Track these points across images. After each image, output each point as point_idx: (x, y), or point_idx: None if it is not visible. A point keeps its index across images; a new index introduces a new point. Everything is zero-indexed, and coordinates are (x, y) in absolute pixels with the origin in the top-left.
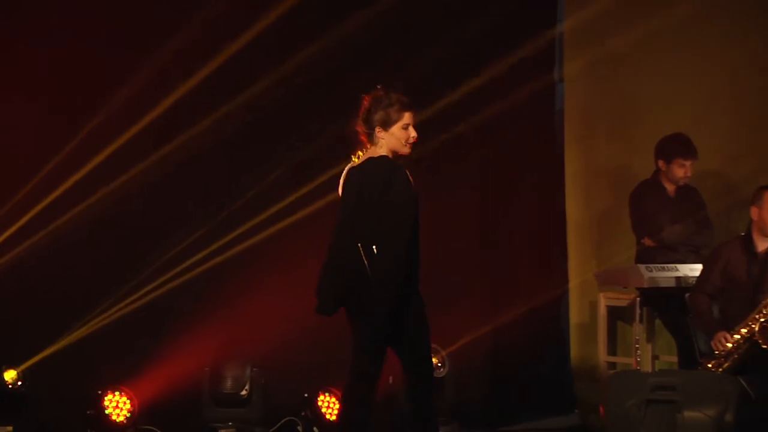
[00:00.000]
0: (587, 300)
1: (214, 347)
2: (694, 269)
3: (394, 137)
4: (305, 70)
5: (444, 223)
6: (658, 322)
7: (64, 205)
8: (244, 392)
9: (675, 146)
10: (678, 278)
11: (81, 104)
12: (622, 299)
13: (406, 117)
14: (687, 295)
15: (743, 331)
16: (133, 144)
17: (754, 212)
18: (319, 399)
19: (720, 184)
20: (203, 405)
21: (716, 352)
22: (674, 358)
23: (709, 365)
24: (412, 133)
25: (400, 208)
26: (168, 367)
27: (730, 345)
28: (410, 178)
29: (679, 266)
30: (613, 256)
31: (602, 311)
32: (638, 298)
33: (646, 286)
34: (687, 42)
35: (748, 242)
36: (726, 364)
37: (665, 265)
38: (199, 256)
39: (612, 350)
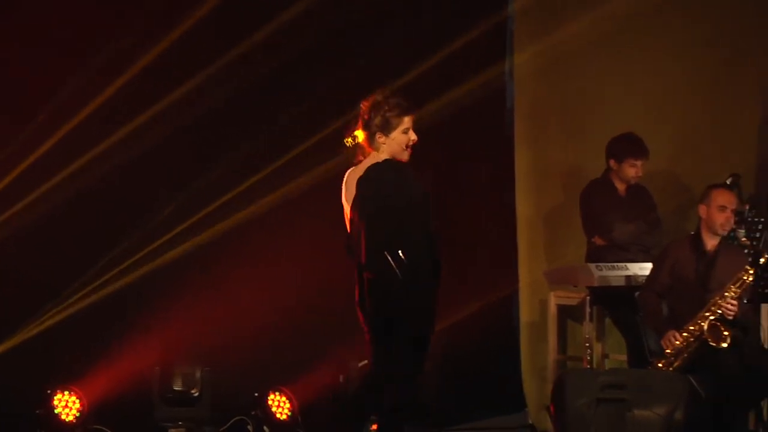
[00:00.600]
0: (537, 299)
1: (165, 346)
2: (644, 268)
3: (395, 142)
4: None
5: None
6: (608, 320)
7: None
8: (194, 391)
9: (626, 146)
10: (628, 277)
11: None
12: (573, 298)
13: (406, 121)
14: (637, 293)
15: (692, 329)
16: (69, 147)
17: (702, 211)
18: (269, 398)
19: (670, 183)
20: (153, 404)
21: (666, 351)
22: (624, 357)
23: (659, 364)
24: (412, 136)
25: (417, 208)
26: (118, 367)
27: (679, 344)
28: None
29: (630, 265)
30: (563, 255)
31: (552, 310)
32: (588, 297)
33: (596, 284)
34: (639, 41)
35: (697, 241)
36: (676, 363)
37: (615, 264)
38: (148, 254)
39: (562, 349)
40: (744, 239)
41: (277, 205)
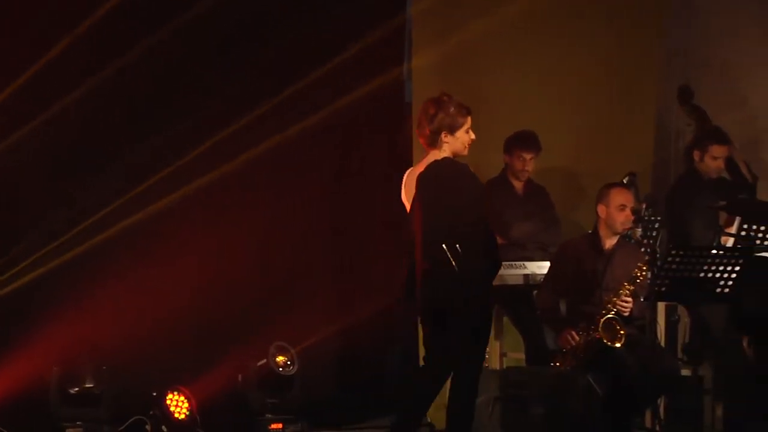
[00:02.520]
0: None
1: (63, 345)
2: (542, 267)
3: (459, 141)
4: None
5: (293, 221)
6: (506, 319)
7: None
8: (92, 391)
9: (516, 139)
10: (526, 275)
11: None
12: None
13: (468, 121)
14: (535, 292)
15: (589, 328)
16: None
17: (600, 210)
18: (167, 398)
19: (568, 182)
20: (52, 404)
21: (564, 350)
22: (522, 356)
23: (557, 363)
24: (472, 135)
25: (475, 204)
26: (15, 366)
27: (576, 342)
28: None
29: (528, 263)
30: None
31: None
32: None
33: (494, 283)
34: (537, 41)
35: (595, 239)
36: (573, 362)
37: (513, 263)
38: (46, 253)
39: None
40: (641, 238)
41: (177, 204)
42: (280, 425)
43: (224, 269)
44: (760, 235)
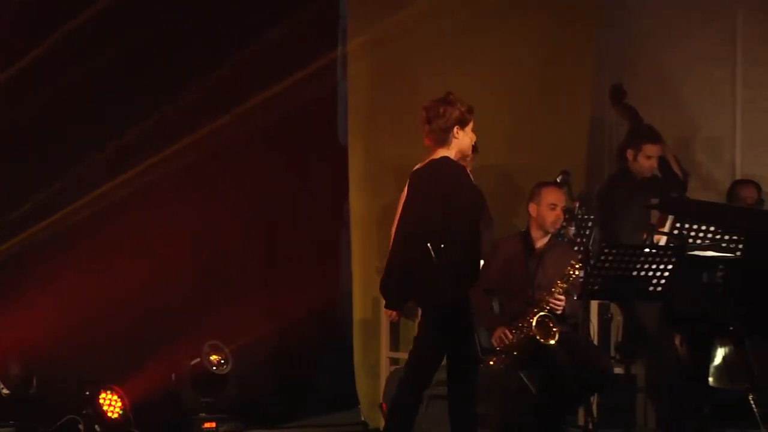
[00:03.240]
0: (370, 296)
1: None
2: None
3: (468, 137)
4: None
5: (227, 219)
6: None
7: None
8: (25, 390)
9: None
10: None
11: None
12: None
13: (473, 120)
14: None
15: (522, 326)
16: None
17: (532, 209)
18: (100, 397)
19: (502, 181)
20: None
21: (497, 348)
22: None
23: (491, 361)
24: (474, 136)
25: (468, 206)
26: None
27: (509, 341)
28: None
29: None
30: None
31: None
32: None
33: None
34: (470, 40)
35: (526, 238)
36: (507, 360)
37: None
38: None
39: (395, 346)
40: (574, 236)
41: (109, 203)
42: (213, 424)
43: (158, 268)
44: (692, 233)
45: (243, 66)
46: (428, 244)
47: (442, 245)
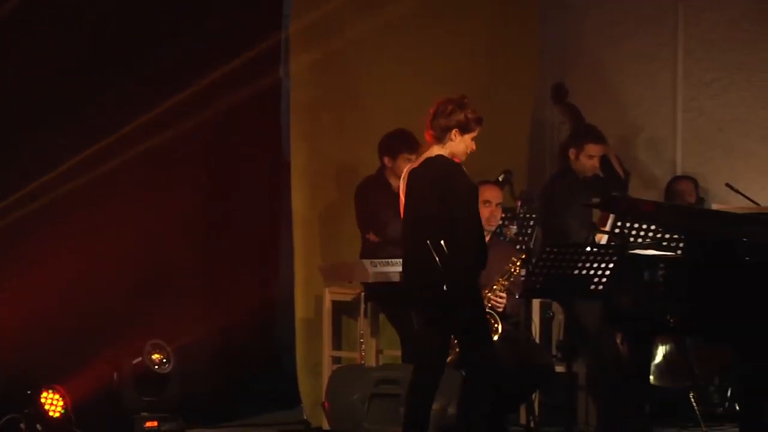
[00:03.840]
0: (313, 295)
1: None
2: None
3: (464, 143)
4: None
5: (168, 217)
6: (382, 316)
7: None
8: None
9: (399, 142)
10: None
11: None
12: (347, 294)
13: (478, 131)
14: None
15: None
16: None
17: None
18: (42, 396)
19: None
20: None
21: None
22: (398, 353)
23: None
24: (474, 146)
25: (466, 203)
26: None
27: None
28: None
29: None
30: (338, 251)
31: (327, 306)
32: (363, 293)
33: (370, 281)
34: (412, 40)
35: None
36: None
37: (390, 260)
38: None
39: (337, 345)
40: (515, 236)
41: (49, 201)
42: (155, 423)
43: (99, 267)
44: (633, 232)
45: (183, 61)
46: (429, 242)
47: (446, 239)
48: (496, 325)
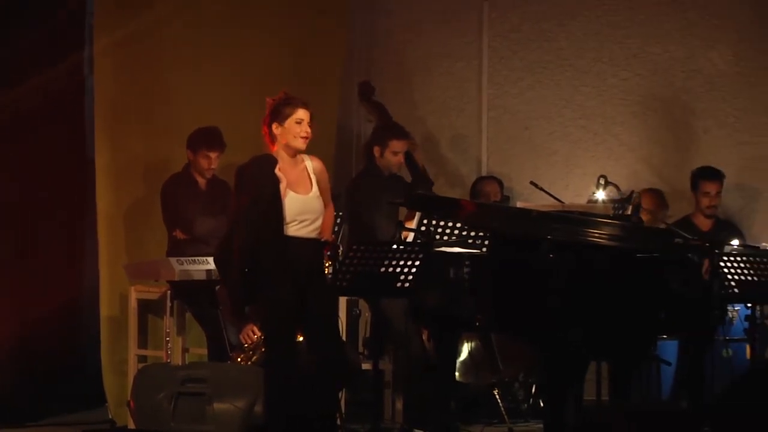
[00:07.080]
0: (118, 293)
1: None
2: None
3: (287, 131)
4: None
5: None
6: (189, 314)
7: None
8: None
9: (202, 138)
10: (209, 271)
11: None
12: (153, 292)
13: (300, 113)
14: (217, 287)
15: None
16: None
17: None
18: None
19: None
20: None
21: (245, 345)
22: (205, 351)
23: (239, 358)
24: (306, 128)
25: (264, 204)
26: None
27: (258, 337)
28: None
29: (210, 259)
30: (144, 249)
31: (133, 304)
32: (169, 291)
33: (177, 279)
34: (224, 36)
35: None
36: (255, 357)
37: (196, 258)
38: None
39: (143, 343)
40: None
41: None
42: None
43: None
44: (439, 230)
45: None
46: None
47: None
48: None
